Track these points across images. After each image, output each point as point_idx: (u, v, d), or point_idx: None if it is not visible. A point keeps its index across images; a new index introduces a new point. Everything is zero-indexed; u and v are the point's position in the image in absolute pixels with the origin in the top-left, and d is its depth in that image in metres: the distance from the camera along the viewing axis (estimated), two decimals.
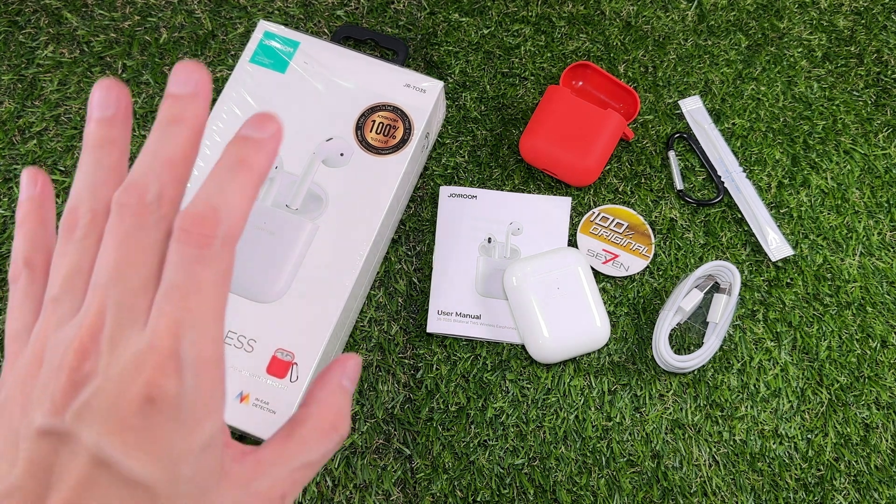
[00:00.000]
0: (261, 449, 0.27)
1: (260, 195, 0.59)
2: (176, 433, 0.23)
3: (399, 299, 0.64)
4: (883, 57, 0.72)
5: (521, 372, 0.62)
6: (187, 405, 0.23)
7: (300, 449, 0.27)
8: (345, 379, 0.30)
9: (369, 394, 0.61)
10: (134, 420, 0.23)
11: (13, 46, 0.70)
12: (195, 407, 0.24)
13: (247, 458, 0.27)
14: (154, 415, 0.23)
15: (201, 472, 0.24)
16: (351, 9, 0.72)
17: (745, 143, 0.69)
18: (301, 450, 0.27)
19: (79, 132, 0.67)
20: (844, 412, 0.61)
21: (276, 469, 0.27)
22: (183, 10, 0.71)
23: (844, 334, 0.63)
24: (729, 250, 0.65)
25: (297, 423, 0.28)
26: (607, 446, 0.60)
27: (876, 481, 0.60)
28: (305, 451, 0.27)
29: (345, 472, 0.59)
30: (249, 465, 0.27)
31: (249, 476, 0.26)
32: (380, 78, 0.62)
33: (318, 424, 0.28)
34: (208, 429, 0.24)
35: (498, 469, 0.59)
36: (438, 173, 0.67)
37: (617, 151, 0.68)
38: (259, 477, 0.26)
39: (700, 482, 0.59)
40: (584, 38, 0.72)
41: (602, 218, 0.65)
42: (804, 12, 0.73)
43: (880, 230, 0.66)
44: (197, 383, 0.24)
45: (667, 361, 0.60)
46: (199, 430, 0.24)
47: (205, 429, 0.24)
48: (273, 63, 0.62)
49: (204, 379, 0.24)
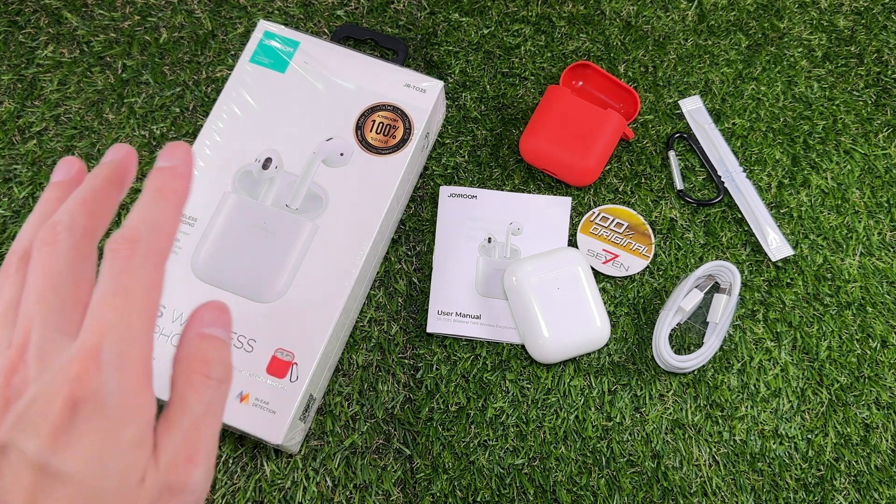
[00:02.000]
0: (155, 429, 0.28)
1: (260, 195, 0.59)
2: (101, 429, 0.24)
3: (399, 299, 0.64)
4: (883, 57, 0.72)
5: (521, 372, 0.62)
6: (112, 403, 0.25)
7: (180, 409, 0.27)
8: (203, 328, 0.29)
9: (369, 394, 0.61)
10: (63, 422, 0.24)
11: (13, 46, 0.70)
12: (120, 405, 0.25)
13: None
14: (80, 414, 0.24)
15: (127, 468, 0.25)
16: (351, 9, 0.72)
17: (746, 143, 0.69)
18: (181, 410, 0.27)
19: (78, 132, 0.67)
20: (844, 412, 0.61)
21: (170, 437, 0.27)
22: (183, 10, 0.71)
23: (844, 334, 0.63)
24: (729, 250, 0.65)
25: (171, 385, 0.28)
26: (607, 446, 0.60)
27: (876, 481, 0.60)
28: (187, 409, 0.27)
29: (345, 472, 0.59)
30: None
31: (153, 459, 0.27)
32: (380, 78, 0.62)
33: (184, 378, 0.28)
34: (134, 426, 0.25)
35: (498, 469, 0.59)
36: (438, 173, 0.67)
37: (617, 151, 0.68)
38: (160, 455, 0.26)
39: (700, 482, 0.59)
40: (584, 38, 0.72)
41: (602, 218, 0.65)
42: (804, 12, 0.73)
43: (880, 230, 0.66)
44: (121, 382, 0.25)
45: (667, 361, 0.60)
46: (124, 426, 0.25)
47: (130, 426, 0.25)
48: (273, 63, 0.62)
49: (128, 376, 0.25)
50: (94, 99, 0.68)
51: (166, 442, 0.27)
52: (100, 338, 0.25)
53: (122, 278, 0.26)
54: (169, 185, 0.29)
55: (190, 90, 0.69)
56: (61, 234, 0.27)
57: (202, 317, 0.29)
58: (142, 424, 0.26)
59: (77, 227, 0.28)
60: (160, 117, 0.68)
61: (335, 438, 0.60)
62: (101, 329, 0.25)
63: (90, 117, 0.68)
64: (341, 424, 0.60)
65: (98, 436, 0.24)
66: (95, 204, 0.29)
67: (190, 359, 0.28)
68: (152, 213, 0.28)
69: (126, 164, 0.30)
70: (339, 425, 0.60)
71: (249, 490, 0.58)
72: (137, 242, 0.27)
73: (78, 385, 0.24)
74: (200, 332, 0.29)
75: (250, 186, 0.59)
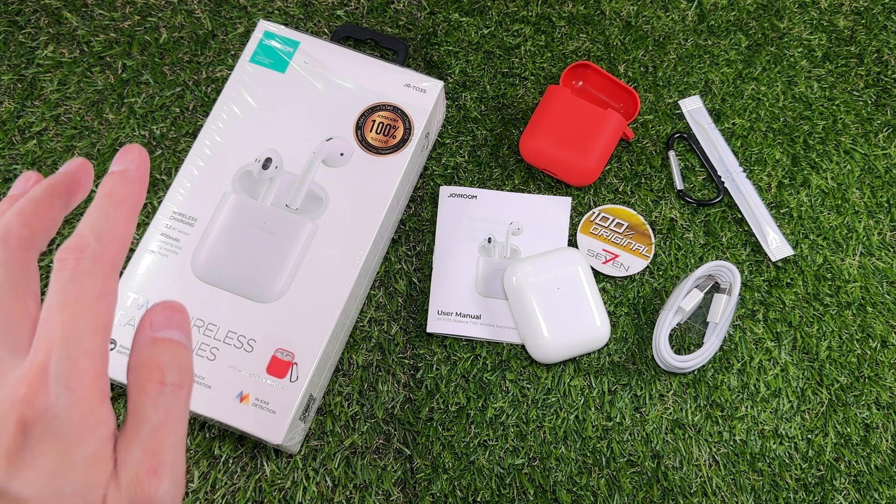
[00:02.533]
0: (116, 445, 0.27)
1: (260, 195, 0.59)
2: (54, 449, 0.24)
3: (399, 299, 0.64)
4: (883, 57, 0.72)
5: (521, 372, 0.62)
6: (63, 420, 0.24)
7: (137, 421, 0.26)
8: (153, 332, 0.28)
9: (369, 394, 0.61)
10: (14, 443, 0.23)
11: (13, 46, 0.70)
12: (72, 421, 0.24)
13: None
14: (32, 434, 0.23)
15: (86, 487, 0.24)
16: (351, 9, 0.72)
17: (746, 143, 0.69)
18: (139, 421, 0.26)
19: (78, 132, 0.67)
20: (844, 412, 0.61)
21: (129, 452, 0.26)
22: (183, 10, 0.71)
23: (844, 334, 0.63)
24: (729, 250, 0.65)
25: (128, 397, 0.27)
26: (607, 446, 0.60)
27: (876, 481, 0.60)
28: (144, 419, 0.26)
29: (345, 472, 0.59)
30: None
31: (115, 476, 0.26)
32: (380, 78, 0.62)
33: (137, 388, 0.27)
34: (90, 444, 0.24)
35: (498, 469, 0.59)
36: (438, 173, 0.67)
37: (617, 151, 0.68)
38: (121, 471, 0.25)
39: (700, 482, 0.59)
40: (584, 38, 0.72)
41: (602, 218, 0.65)
42: (804, 12, 0.73)
43: (880, 230, 0.66)
44: (71, 397, 0.24)
45: (667, 361, 0.60)
46: (78, 445, 0.24)
47: (85, 444, 0.24)
48: (273, 63, 0.62)
49: (78, 392, 0.24)
50: (94, 99, 0.68)
51: (126, 456, 0.25)
52: (47, 354, 0.24)
53: (69, 289, 0.25)
54: (119, 189, 0.28)
55: (190, 90, 0.69)
56: None
57: (153, 319, 0.27)
58: (97, 441, 0.25)
59: (11, 238, 0.26)
60: (160, 117, 0.68)
61: (335, 438, 0.60)
62: (49, 345, 0.24)
63: (90, 117, 0.68)
64: (341, 424, 0.60)
65: (52, 457, 0.24)
66: (33, 215, 0.27)
67: (142, 366, 0.27)
68: (101, 220, 0.27)
69: (75, 175, 0.29)
70: (339, 425, 0.60)
71: (249, 490, 0.58)
72: (85, 250, 0.26)
73: (27, 406, 0.23)
74: (152, 336, 0.27)
75: (250, 186, 0.59)
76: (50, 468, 0.24)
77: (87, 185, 0.30)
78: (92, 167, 0.30)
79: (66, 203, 0.29)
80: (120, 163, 0.29)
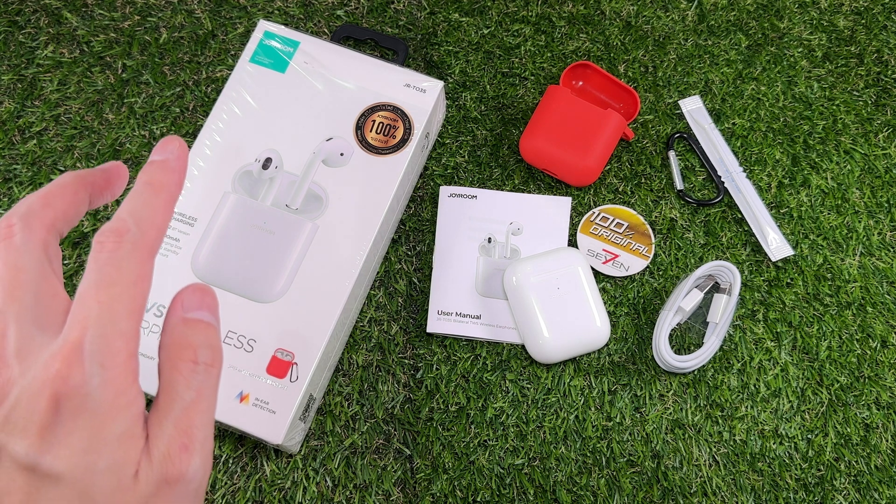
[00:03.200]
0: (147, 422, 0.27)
1: (260, 195, 0.59)
2: (87, 425, 0.24)
3: (399, 299, 0.64)
4: (883, 57, 0.72)
5: (521, 372, 0.62)
6: (96, 397, 0.24)
7: (170, 398, 0.26)
8: (185, 313, 0.28)
9: (369, 394, 0.61)
10: (48, 419, 0.24)
11: (13, 46, 0.70)
12: (104, 399, 0.24)
13: None
14: (65, 410, 0.24)
15: (118, 463, 0.24)
16: (351, 9, 0.72)
17: (746, 143, 0.69)
18: (171, 398, 0.26)
19: (78, 132, 0.67)
20: (844, 412, 0.61)
21: (161, 428, 0.26)
22: (183, 10, 0.71)
23: (844, 334, 0.63)
24: (729, 250, 0.65)
25: (159, 375, 0.28)
26: (607, 446, 0.60)
27: (876, 481, 0.60)
28: (176, 397, 0.27)
29: (345, 472, 0.59)
30: None
31: (146, 452, 0.26)
32: (380, 78, 0.62)
33: (170, 366, 0.27)
34: (122, 421, 0.25)
35: (498, 469, 0.59)
36: (438, 173, 0.67)
37: (617, 151, 0.68)
38: (153, 447, 0.26)
39: (700, 482, 0.59)
40: (584, 38, 0.72)
41: (602, 218, 0.65)
42: (804, 12, 0.73)
43: (880, 230, 0.66)
44: (105, 375, 0.24)
45: (667, 361, 0.60)
46: (111, 422, 0.24)
47: (117, 421, 0.25)
48: (273, 63, 0.62)
49: (112, 371, 0.24)
50: (94, 99, 0.68)
51: (158, 433, 0.26)
52: (82, 332, 0.24)
53: (107, 270, 0.25)
54: (158, 177, 0.28)
55: (190, 90, 0.69)
56: (16, 226, 0.27)
57: (184, 301, 0.28)
58: (130, 419, 0.25)
59: (33, 217, 0.27)
60: (160, 117, 0.68)
61: (335, 438, 0.60)
62: (84, 323, 0.24)
63: (90, 117, 0.68)
64: (341, 424, 0.60)
65: (85, 433, 0.24)
66: (57, 198, 0.28)
67: (175, 345, 0.27)
68: (141, 206, 0.27)
69: (109, 173, 0.30)
70: (339, 425, 0.60)
71: (249, 490, 0.58)
72: (124, 234, 0.26)
73: (60, 382, 0.24)
74: (184, 316, 0.28)
75: (250, 186, 0.59)
76: (83, 444, 0.24)
77: (118, 186, 0.30)
78: (128, 173, 0.31)
79: (91, 196, 0.29)
80: (160, 153, 0.29)
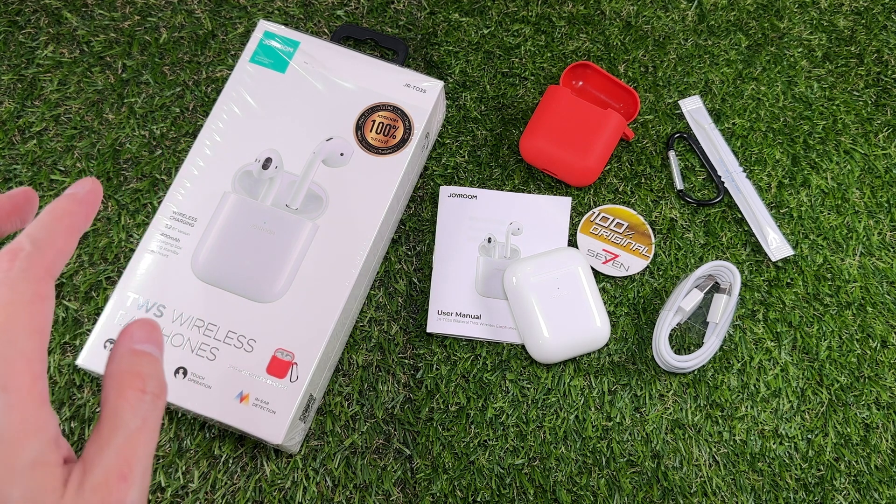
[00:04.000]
0: (85, 448, 0.27)
1: (260, 195, 0.59)
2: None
3: (399, 299, 0.64)
4: (883, 57, 0.72)
5: (521, 372, 0.62)
6: (2, 426, 0.23)
7: (114, 425, 0.26)
8: (135, 344, 0.29)
9: (369, 394, 0.61)
10: None
11: (13, 46, 0.70)
12: (10, 424, 0.23)
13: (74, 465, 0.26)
14: None
15: (34, 492, 0.24)
16: (351, 9, 0.72)
17: (746, 143, 0.69)
18: (115, 425, 0.26)
19: (78, 132, 0.67)
20: (844, 412, 0.61)
21: (101, 455, 0.26)
22: (183, 10, 0.71)
23: (844, 334, 0.63)
24: (729, 250, 0.65)
25: (103, 403, 0.27)
26: (607, 446, 0.60)
27: (876, 481, 0.60)
28: (121, 424, 0.26)
29: (345, 472, 0.59)
30: (77, 468, 0.26)
31: (79, 480, 0.25)
32: (380, 78, 0.62)
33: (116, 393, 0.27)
34: (32, 448, 0.24)
35: (498, 469, 0.59)
36: (438, 173, 0.67)
37: (617, 151, 0.68)
38: (88, 474, 0.25)
39: (700, 482, 0.59)
40: (584, 38, 0.72)
41: (602, 218, 0.65)
42: (804, 12, 0.73)
43: (880, 230, 0.66)
44: (8, 399, 0.24)
45: (667, 361, 0.60)
46: (20, 449, 0.23)
47: (26, 448, 0.24)
48: (273, 63, 0.62)
49: (16, 394, 0.24)
50: (94, 99, 0.68)
51: (97, 460, 0.25)
52: None
53: (1, 292, 0.25)
54: (63, 205, 0.29)
55: (190, 90, 0.69)
56: None
57: (133, 333, 0.28)
58: (40, 444, 0.24)
59: None
60: (160, 117, 0.68)
61: (335, 438, 0.60)
62: None
63: (90, 117, 0.68)
64: (341, 424, 0.60)
65: None
66: None
67: (123, 373, 0.27)
68: (39, 229, 0.27)
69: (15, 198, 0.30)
70: (339, 425, 0.60)
71: (249, 490, 0.58)
72: (18, 254, 0.26)
73: None
74: (133, 347, 0.28)
75: (250, 186, 0.59)
76: None
77: (27, 211, 0.30)
78: (37, 199, 0.31)
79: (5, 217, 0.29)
80: (71, 188, 0.30)
